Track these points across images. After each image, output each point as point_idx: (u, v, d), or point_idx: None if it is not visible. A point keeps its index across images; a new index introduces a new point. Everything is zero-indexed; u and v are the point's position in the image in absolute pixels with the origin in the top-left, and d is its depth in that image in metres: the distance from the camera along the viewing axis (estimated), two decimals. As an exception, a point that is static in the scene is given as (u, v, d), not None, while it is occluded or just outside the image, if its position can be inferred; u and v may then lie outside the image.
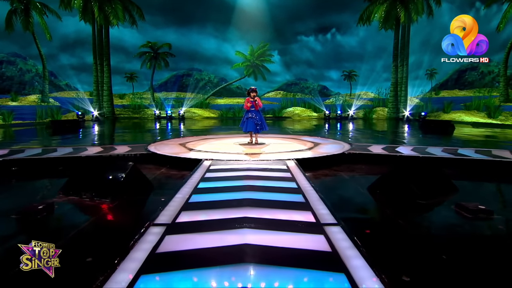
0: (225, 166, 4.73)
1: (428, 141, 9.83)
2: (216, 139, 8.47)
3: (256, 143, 7.34)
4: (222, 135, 10.04)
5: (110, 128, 16.37)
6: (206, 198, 3.15)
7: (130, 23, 24.55)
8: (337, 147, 6.69)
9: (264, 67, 34.47)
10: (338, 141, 7.87)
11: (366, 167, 5.44)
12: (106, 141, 10.08)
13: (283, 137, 9.12)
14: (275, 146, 7.13)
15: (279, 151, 6.24)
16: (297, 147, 6.81)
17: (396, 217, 3.04)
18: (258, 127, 7.20)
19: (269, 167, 4.62)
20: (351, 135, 11.45)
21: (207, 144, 7.35)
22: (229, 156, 5.60)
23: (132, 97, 33.62)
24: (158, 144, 7.28)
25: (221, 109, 27.58)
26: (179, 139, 8.28)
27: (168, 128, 16.38)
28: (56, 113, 18.92)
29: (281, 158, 5.37)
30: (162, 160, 5.69)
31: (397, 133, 13.44)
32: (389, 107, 25.40)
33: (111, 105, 24.64)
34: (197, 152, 6.08)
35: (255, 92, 7.12)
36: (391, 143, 9.07)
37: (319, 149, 6.49)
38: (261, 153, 6.00)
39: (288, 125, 18.21)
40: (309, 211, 2.71)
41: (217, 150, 6.36)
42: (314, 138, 8.62)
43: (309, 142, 7.75)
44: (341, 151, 6.04)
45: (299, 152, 6.14)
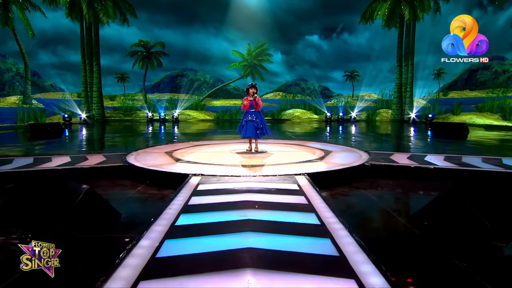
0: (218, 186, 3.69)
1: (451, 147, 8.85)
2: (209, 146, 7.43)
3: (256, 151, 6.32)
4: (217, 140, 9.02)
5: (99, 132, 15.32)
6: (187, 246, 2.11)
7: (121, 21, 23.51)
8: (353, 157, 5.68)
9: (262, 67, 33.45)
10: (352, 149, 6.86)
11: (394, 183, 4.43)
12: (89, 147, 9.01)
13: (286, 143, 8.10)
14: (279, 154, 6.11)
15: (285, 161, 5.21)
16: (305, 156, 5.79)
17: (468, 274, 2.01)
18: (259, 132, 6.17)
19: (275, 188, 3.59)
20: (357, 140, 10.46)
21: (198, 153, 6.31)
22: (224, 170, 4.57)
23: (124, 98, 32.41)
24: (141, 152, 6.23)
25: (217, 111, 26.72)
26: (167, 146, 7.23)
27: (161, 132, 15.46)
28: (39, 116, 17.81)
29: (289, 172, 4.34)
30: (140, 175, 4.65)
31: (407, 137, 12.47)
32: (393, 108, 24.50)
33: (101, 107, 23.55)
34: (185, 164, 5.04)
35: (254, 89, 6.09)
36: (406, 149, 8.10)
37: (332, 159, 5.48)
38: (263, 165, 4.96)
39: (288, 128, 17.24)
40: (350, 278, 1.67)
41: (209, 160, 5.32)
42: (322, 145, 7.60)
43: (318, 149, 6.73)
44: (359, 162, 5.03)
45: (309, 163, 5.11)
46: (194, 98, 32.10)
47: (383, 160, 5.28)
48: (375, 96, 36.51)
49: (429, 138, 11.92)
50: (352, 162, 5.05)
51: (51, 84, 39.32)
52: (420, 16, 21.13)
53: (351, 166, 4.73)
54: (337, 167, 4.72)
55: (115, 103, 31.19)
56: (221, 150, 6.67)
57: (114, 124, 20.76)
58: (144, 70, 31.46)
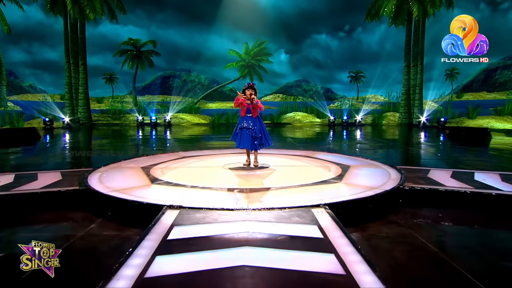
0: (201, 230, 2.58)
1: (486, 159, 7.81)
2: (199, 158, 6.33)
3: (255, 165, 5.23)
4: (209, 151, 7.97)
5: (81, 138, 14.22)
6: None
7: (109, 18, 22.42)
8: (380, 175, 4.59)
9: (261, 67, 32.40)
10: (373, 162, 5.76)
11: (446, 215, 3.33)
12: (58, 158, 7.89)
13: (291, 153, 7.01)
14: (284, 171, 5.01)
15: (293, 182, 4.11)
16: (317, 174, 4.70)
17: None
18: (257, 142, 5.09)
19: (285, 234, 2.48)
20: (367, 147, 9.39)
21: (183, 169, 5.20)
22: (213, 196, 3.47)
23: (112, 101, 31.13)
24: (111, 168, 5.11)
25: (212, 115, 25.78)
26: (146, 159, 6.11)
27: (152, 137, 14.49)
28: (16, 120, 16.65)
29: (302, 202, 3.24)
30: (100, 203, 3.54)
31: (425, 145, 11.42)
32: (401, 112, 23.55)
33: (87, 110, 22.43)
34: (162, 187, 3.92)
35: (252, 90, 5.02)
36: (436, 161, 7.03)
37: (354, 178, 4.39)
38: (265, 190, 3.85)
39: (288, 133, 16.24)
40: None
41: (195, 180, 4.21)
42: (335, 157, 6.51)
43: (331, 163, 5.64)
44: (391, 184, 3.94)
45: (326, 185, 4.01)
46: (188, 101, 30.99)
47: (421, 180, 4.19)
48: (381, 99, 35.50)
49: (450, 145, 10.88)
50: (382, 184, 3.95)
51: (30, 84, 37.75)
52: (430, 13, 20.19)
53: (384, 190, 3.63)
54: (365, 191, 3.62)
55: (103, 105, 30.01)
56: (212, 165, 5.57)
57: (102, 129, 19.70)
58: (134, 70, 30.33)
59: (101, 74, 45.28)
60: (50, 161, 7.27)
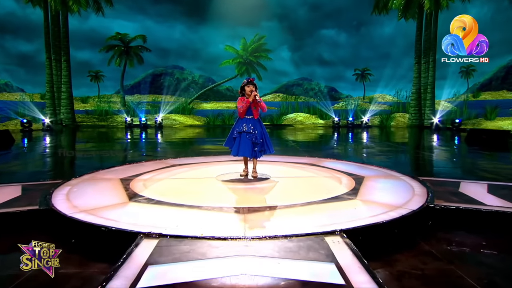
0: (186, 268, 2.11)
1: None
2: (189, 167, 5.87)
3: (254, 176, 4.77)
4: (201, 158, 7.55)
5: (65, 141, 13.77)
6: None
7: (94, 10, 21.97)
8: (401, 188, 4.14)
9: (259, 65, 31.99)
10: (390, 172, 5.31)
11: (492, 243, 2.87)
12: (28, 166, 7.41)
13: (294, 161, 6.56)
14: (288, 183, 4.55)
15: (299, 200, 3.64)
16: (327, 187, 4.25)
17: None
18: (258, 149, 4.63)
19: (294, 275, 2.02)
20: (376, 152, 8.96)
21: (169, 181, 4.73)
22: (202, 218, 3.01)
23: (98, 100, 30.59)
24: (85, 180, 4.64)
25: (207, 116, 25.36)
26: (128, 168, 5.64)
27: (141, 140, 14.09)
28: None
29: (311, 225, 2.78)
30: (63, 228, 3.07)
31: (442, 149, 11.00)
32: (411, 112, 23.21)
33: (71, 110, 21.97)
34: (141, 206, 3.44)
35: (253, 86, 4.56)
36: (468, 171, 6.61)
37: (371, 193, 3.93)
38: (267, 209, 3.39)
39: (289, 135, 15.83)
40: None
41: (182, 196, 3.75)
42: (345, 164, 6.06)
43: (341, 173, 5.19)
44: (417, 201, 3.49)
45: (338, 202, 3.55)
46: (181, 100, 30.55)
47: (452, 196, 3.74)
48: (390, 98, 35.14)
49: (469, 149, 10.47)
50: (407, 201, 3.50)
51: (6, 82, 37.00)
52: (443, 5, 19.85)
53: (411, 211, 3.17)
54: (388, 212, 3.16)
55: (88, 106, 29.52)
56: (204, 175, 5.10)
57: (86, 131, 19.24)
58: (122, 67, 29.81)
59: (86, 71, 44.74)
60: (18, 169, 6.79)
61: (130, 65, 29.87)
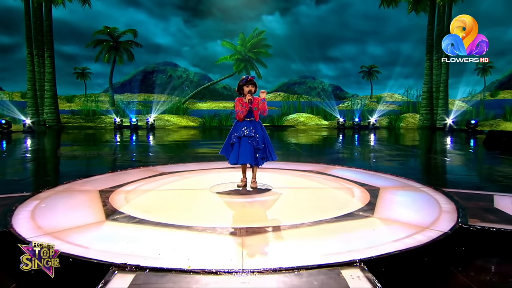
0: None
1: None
2: (180, 175, 5.53)
3: (253, 187, 4.43)
4: (194, 164, 7.23)
5: (48, 144, 13.42)
6: None
7: (80, 1, 21.63)
8: (423, 203, 3.81)
9: (259, 61, 31.70)
10: (408, 181, 4.96)
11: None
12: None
13: (298, 168, 6.22)
14: (292, 196, 4.20)
15: (306, 219, 3.29)
16: (338, 201, 3.91)
17: None
18: (259, 155, 4.30)
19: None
20: (386, 156, 8.62)
21: (156, 193, 4.38)
22: (191, 243, 2.66)
23: (85, 100, 30.25)
24: (59, 192, 4.28)
25: (203, 116, 25.07)
26: (110, 177, 5.29)
27: (132, 142, 13.78)
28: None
29: (323, 252, 2.44)
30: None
31: (454, 153, 10.68)
32: (422, 113, 22.93)
33: (55, 110, 21.65)
34: (120, 226, 3.08)
35: (252, 85, 4.26)
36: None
37: (389, 209, 3.59)
38: (268, 231, 3.03)
39: (291, 138, 15.54)
40: None
41: (168, 213, 3.40)
42: (355, 172, 5.73)
43: (352, 182, 4.85)
44: (445, 220, 3.15)
45: (353, 221, 3.21)
46: (175, 100, 30.20)
47: (487, 213, 3.39)
48: (399, 98, 34.90)
49: (489, 154, 10.15)
50: (435, 221, 3.15)
51: None
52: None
53: (442, 233, 2.82)
54: (414, 234, 2.81)
55: (74, 105, 29.21)
56: (196, 186, 4.76)
57: (72, 133, 18.92)
58: (110, 64, 29.45)
59: (72, 68, 44.34)
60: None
61: (120, 62, 29.58)
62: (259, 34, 31.37)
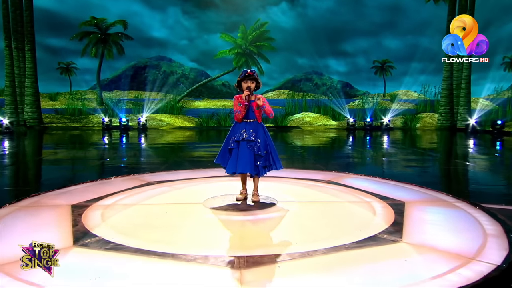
0: None
1: None
2: (170, 185, 5.16)
3: (255, 201, 4.07)
4: (187, 172, 6.88)
5: (29, 146, 13.07)
6: None
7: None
8: (461, 222, 3.42)
9: (261, 56, 31.39)
10: (436, 193, 4.58)
11: None
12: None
13: (306, 177, 5.84)
14: (301, 213, 3.82)
15: (320, 244, 2.90)
16: (355, 219, 3.52)
17: None
18: (261, 163, 3.94)
19: None
20: (400, 160, 8.23)
21: (138, 207, 4.00)
22: (175, 280, 2.28)
23: (70, 98, 30.01)
24: (25, 206, 3.90)
25: (200, 116, 24.81)
26: (88, 188, 4.92)
27: (122, 145, 13.45)
28: None
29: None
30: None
31: (481, 158, 10.27)
32: (441, 112, 22.54)
33: (36, 109, 21.43)
34: (89, 253, 2.70)
35: (251, 81, 3.94)
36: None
37: (421, 231, 3.21)
38: (273, 262, 2.64)
39: (296, 140, 15.16)
40: None
41: (152, 235, 3.02)
42: (373, 182, 5.34)
43: (372, 195, 4.47)
44: (494, 247, 2.77)
45: (377, 247, 2.81)
46: (169, 98, 29.94)
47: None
48: (415, 95, 34.57)
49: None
50: (480, 247, 2.76)
51: None
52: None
53: (495, 266, 2.43)
54: (456, 267, 2.42)
55: (58, 104, 29.02)
56: (188, 199, 4.38)
57: (56, 134, 18.63)
58: (98, 58, 29.24)
59: (56, 63, 44.13)
60: None
61: (108, 56, 29.35)
62: (261, 26, 31.05)
